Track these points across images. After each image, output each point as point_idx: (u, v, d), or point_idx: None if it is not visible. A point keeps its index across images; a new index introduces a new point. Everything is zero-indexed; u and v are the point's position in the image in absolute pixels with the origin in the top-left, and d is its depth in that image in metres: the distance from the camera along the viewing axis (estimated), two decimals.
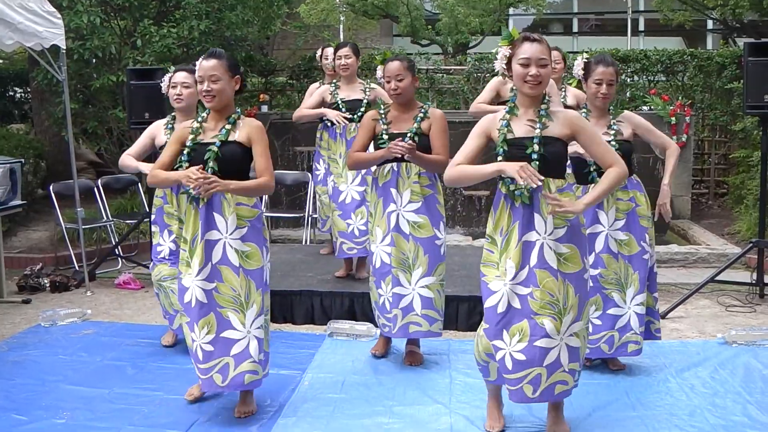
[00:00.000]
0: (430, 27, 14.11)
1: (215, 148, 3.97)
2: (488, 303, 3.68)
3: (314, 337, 5.51)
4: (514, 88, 3.77)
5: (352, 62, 6.29)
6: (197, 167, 3.86)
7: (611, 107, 4.70)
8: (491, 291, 3.68)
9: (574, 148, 4.21)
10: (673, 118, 9.78)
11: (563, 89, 5.92)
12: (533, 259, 3.61)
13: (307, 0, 14.22)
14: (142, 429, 3.96)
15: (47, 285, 7.02)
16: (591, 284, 3.89)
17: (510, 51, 3.68)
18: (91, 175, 10.25)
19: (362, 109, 6.16)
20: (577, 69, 4.69)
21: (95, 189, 8.36)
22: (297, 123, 7.18)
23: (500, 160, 3.64)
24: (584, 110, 4.68)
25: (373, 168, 4.90)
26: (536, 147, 3.61)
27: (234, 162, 4.00)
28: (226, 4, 9.43)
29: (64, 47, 6.82)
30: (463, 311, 5.64)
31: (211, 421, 4.07)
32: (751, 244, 6.52)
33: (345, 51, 6.32)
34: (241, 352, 3.94)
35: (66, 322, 5.86)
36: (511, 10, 16.17)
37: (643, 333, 4.64)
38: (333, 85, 6.44)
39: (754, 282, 6.53)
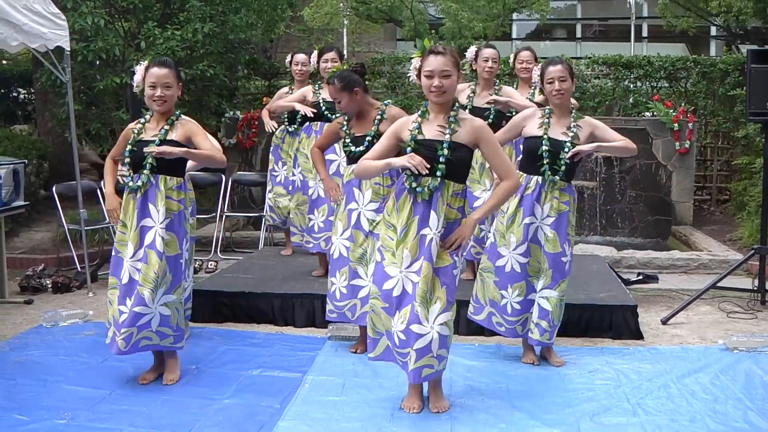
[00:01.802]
0: (433, 31, 14.11)
1: (154, 146, 4.41)
2: (386, 285, 4.08)
3: (315, 340, 5.52)
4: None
5: (337, 65, 6.39)
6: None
7: (573, 111, 4.89)
8: (388, 275, 4.08)
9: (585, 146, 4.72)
10: (676, 125, 9.79)
11: (534, 87, 6.26)
12: (424, 252, 4.00)
13: (311, 3, 14.23)
14: (143, 430, 3.96)
15: (49, 286, 7.03)
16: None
17: (419, 63, 4.06)
18: (94, 177, 10.26)
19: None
20: (535, 76, 5.00)
21: (98, 190, 8.36)
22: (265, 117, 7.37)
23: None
24: (548, 108, 4.88)
25: (343, 165, 5.40)
26: (446, 151, 3.96)
27: (169, 158, 4.43)
28: (230, 7, 9.45)
29: (68, 49, 6.84)
30: (463, 315, 5.62)
31: (211, 422, 4.07)
32: (752, 251, 6.51)
33: (332, 55, 6.57)
34: (144, 324, 4.44)
35: (68, 323, 5.87)
36: (514, 15, 16.18)
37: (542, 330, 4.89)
38: (317, 85, 6.68)
39: (755, 288, 6.52)
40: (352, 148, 5.00)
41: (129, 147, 4.54)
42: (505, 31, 15.40)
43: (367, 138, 4.93)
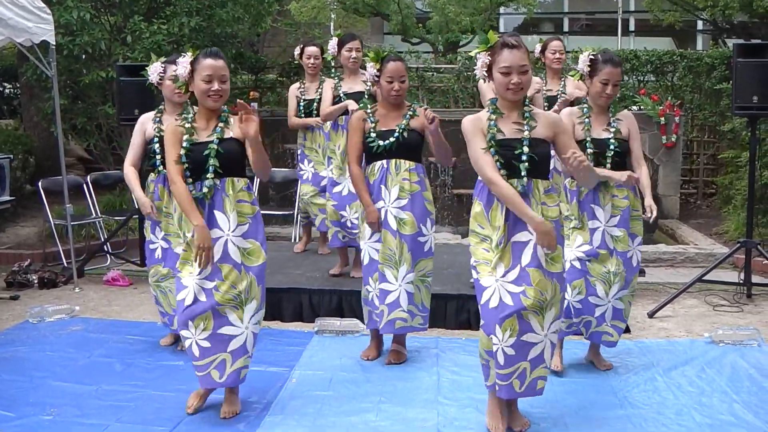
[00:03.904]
0: (420, 25, 14.12)
1: (215, 146, 3.94)
2: (482, 299, 3.71)
3: (302, 335, 5.51)
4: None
5: (361, 56, 6.31)
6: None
7: (610, 105, 4.69)
8: (483, 287, 3.70)
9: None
10: (663, 119, 9.81)
11: (563, 79, 6.02)
12: (525, 258, 3.67)
13: None
14: (130, 426, 3.95)
15: (35, 281, 6.98)
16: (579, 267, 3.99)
17: (489, 58, 3.71)
18: (80, 171, 10.22)
19: (365, 101, 6.15)
20: (583, 65, 4.65)
21: (84, 185, 8.32)
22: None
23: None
24: (585, 105, 4.65)
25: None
26: (525, 149, 3.68)
27: (233, 158, 3.98)
28: (216, 1, 9.40)
29: (54, 43, 6.80)
30: (451, 309, 5.64)
31: (199, 417, 4.07)
32: (738, 244, 6.54)
33: (356, 44, 6.35)
34: (240, 347, 3.96)
35: (54, 319, 5.85)
36: (501, 9, 16.19)
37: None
38: (336, 78, 6.52)
39: (741, 282, 6.55)
40: (380, 143, 4.73)
41: (185, 150, 3.94)
42: (492, 25, 15.38)
43: (397, 131, 4.73)
